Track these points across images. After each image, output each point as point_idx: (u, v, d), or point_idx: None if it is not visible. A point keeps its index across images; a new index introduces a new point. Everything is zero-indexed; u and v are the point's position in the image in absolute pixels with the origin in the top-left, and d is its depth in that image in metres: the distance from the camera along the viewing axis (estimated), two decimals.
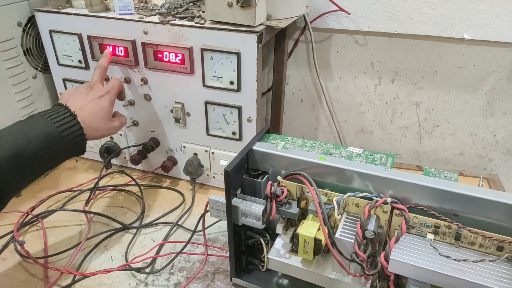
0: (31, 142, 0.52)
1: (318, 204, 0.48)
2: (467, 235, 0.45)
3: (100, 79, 0.67)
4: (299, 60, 0.98)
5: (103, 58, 0.71)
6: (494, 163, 0.95)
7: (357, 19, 0.87)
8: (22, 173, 0.53)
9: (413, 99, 0.93)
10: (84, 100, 0.62)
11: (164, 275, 0.62)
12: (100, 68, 0.68)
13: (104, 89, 0.65)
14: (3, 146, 0.50)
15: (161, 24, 0.70)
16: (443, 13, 0.81)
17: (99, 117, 0.62)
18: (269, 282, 0.58)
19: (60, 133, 0.55)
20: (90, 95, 0.63)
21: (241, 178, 0.55)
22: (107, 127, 0.64)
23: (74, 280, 0.61)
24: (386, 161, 0.53)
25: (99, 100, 0.63)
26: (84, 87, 0.64)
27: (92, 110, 0.61)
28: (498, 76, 0.85)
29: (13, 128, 0.54)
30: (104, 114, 0.63)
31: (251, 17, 0.65)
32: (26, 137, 0.52)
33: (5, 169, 0.50)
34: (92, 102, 0.62)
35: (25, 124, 0.54)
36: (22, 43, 0.79)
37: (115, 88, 0.67)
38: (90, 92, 0.64)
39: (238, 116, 0.73)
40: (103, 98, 0.64)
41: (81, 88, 0.64)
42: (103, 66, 0.69)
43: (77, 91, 0.64)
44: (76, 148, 0.58)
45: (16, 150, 0.51)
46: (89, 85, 0.65)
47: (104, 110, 0.63)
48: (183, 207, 0.77)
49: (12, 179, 0.52)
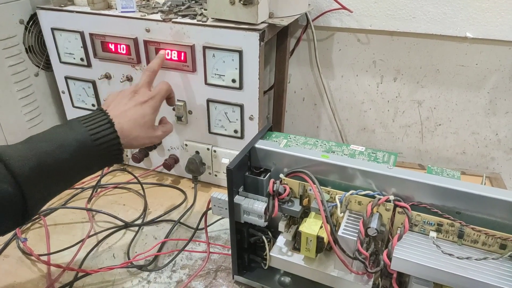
0: (62, 149, 0.49)
1: (320, 202, 0.48)
2: (470, 233, 0.45)
3: (148, 83, 0.62)
4: (301, 58, 0.97)
5: (155, 61, 0.65)
6: (496, 161, 0.95)
7: (360, 18, 0.87)
8: (51, 182, 0.49)
9: (415, 97, 0.93)
10: (126, 106, 0.57)
11: (166, 272, 0.62)
12: (150, 71, 0.63)
13: (149, 94, 0.60)
14: (32, 154, 0.47)
15: (163, 22, 0.70)
16: (446, 11, 0.81)
17: (140, 125, 0.57)
18: (271, 280, 0.58)
19: (94, 141, 0.51)
20: (133, 100, 0.58)
21: (244, 176, 0.55)
22: (148, 136, 0.58)
23: (76, 277, 0.61)
24: (388, 159, 0.52)
25: (141, 107, 0.58)
26: (128, 91, 0.60)
27: (132, 117, 0.56)
28: (500, 75, 0.85)
29: (46, 134, 0.50)
30: (146, 122, 0.58)
31: (253, 15, 0.65)
32: (57, 144, 0.49)
33: (32, 179, 0.46)
34: (134, 108, 0.57)
35: (60, 130, 0.51)
36: (24, 40, 0.80)
37: (162, 93, 0.62)
38: (133, 97, 0.59)
39: (240, 114, 0.73)
40: (146, 104, 0.59)
41: (126, 92, 0.60)
42: (153, 69, 0.64)
43: (120, 95, 0.59)
44: (111, 157, 0.53)
45: (45, 158, 0.47)
46: (135, 89, 0.60)
47: (146, 118, 0.58)
48: (185, 205, 0.77)
49: (39, 188, 0.48)
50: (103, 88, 0.81)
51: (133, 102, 0.58)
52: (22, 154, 0.46)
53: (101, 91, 0.82)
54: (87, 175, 0.53)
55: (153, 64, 0.65)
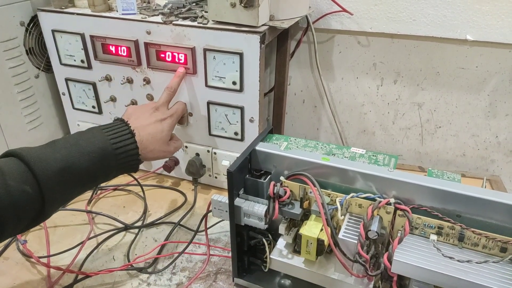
0: (84, 157, 0.51)
1: (321, 205, 0.48)
2: (470, 236, 0.45)
3: (167, 102, 0.67)
4: (301, 60, 0.98)
5: (175, 80, 0.69)
6: (496, 164, 0.95)
7: (360, 20, 0.87)
8: (70, 187, 0.51)
9: (415, 100, 0.93)
10: (147, 120, 0.61)
11: (166, 275, 0.62)
12: (170, 90, 0.68)
13: (168, 112, 0.65)
14: (55, 158, 0.49)
15: (163, 24, 0.70)
16: (446, 14, 0.81)
17: (157, 140, 0.61)
18: (271, 283, 0.58)
19: (115, 150, 0.54)
20: (153, 116, 0.62)
21: (244, 178, 0.55)
22: (162, 150, 0.63)
23: (76, 280, 0.60)
24: (389, 162, 0.53)
25: (161, 123, 0.63)
26: (149, 107, 0.64)
27: (152, 132, 0.60)
28: (500, 77, 0.85)
29: (69, 139, 0.52)
30: (163, 137, 0.62)
31: (254, 17, 0.65)
32: (80, 151, 0.51)
33: (53, 182, 0.48)
34: (154, 124, 0.61)
35: (82, 137, 0.53)
36: (25, 42, 0.80)
37: (178, 112, 0.68)
38: (154, 113, 0.63)
39: (241, 117, 0.73)
40: (165, 122, 0.63)
41: (146, 107, 0.64)
42: (174, 89, 0.68)
43: (141, 109, 0.64)
44: (128, 166, 0.57)
45: (68, 163, 0.49)
46: (155, 106, 0.65)
47: (163, 134, 0.62)
48: (185, 207, 0.77)
49: (59, 191, 0.50)
50: (104, 90, 0.81)
51: (154, 118, 0.62)
52: (45, 158, 0.48)
53: (102, 93, 0.82)
54: (102, 182, 0.56)
55: (173, 83, 0.69)
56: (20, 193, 0.46)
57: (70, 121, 0.89)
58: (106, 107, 0.83)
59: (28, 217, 0.48)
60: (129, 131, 0.57)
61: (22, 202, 0.46)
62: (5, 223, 0.46)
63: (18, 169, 0.47)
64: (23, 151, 0.48)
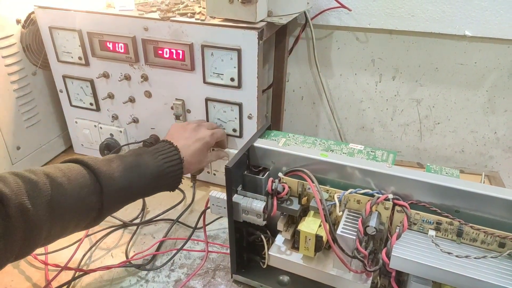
0: (141, 179, 0.56)
1: (319, 201, 0.48)
2: (469, 232, 0.45)
3: (209, 125, 0.72)
4: (300, 57, 0.97)
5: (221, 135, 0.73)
6: (495, 160, 0.95)
7: (358, 16, 0.87)
8: (124, 203, 0.57)
9: (414, 96, 0.93)
10: (189, 140, 0.65)
11: (164, 271, 0.62)
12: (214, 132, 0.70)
13: (209, 133, 0.69)
14: (119, 174, 0.54)
15: (161, 21, 0.70)
16: (445, 9, 0.81)
17: (196, 158, 0.65)
18: (270, 279, 0.58)
19: (167, 174, 0.59)
20: (194, 136, 0.67)
21: (242, 175, 0.55)
22: (196, 168, 0.67)
23: (74, 277, 0.60)
24: (387, 158, 0.52)
25: (201, 143, 0.66)
26: (192, 126, 0.69)
27: (193, 151, 0.64)
28: (499, 73, 0.85)
29: (131, 158, 0.57)
30: (200, 156, 0.66)
31: (252, 13, 0.65)
32: (139, 173, 0.56)
33: (114, 198, 0.53)
34: (196, 143, 0.66)
35: (142, 159, 0.57)
36: (22, 39, 0.79)
37: (218, 135, 0.71)
38: (195, 133, 0.67)
39: (239, 113, 0.73)
40: (205, 142, 0.67)
41: (189, 126, 0.68)
42: (217, 136, 0.71)
43: (184, 128, 0.68)
44: (172, 184, 0.61)
45: (129, 183, 0.55)
46: (198, 124, 0.69)
47: (201, 153, 0.66)
48: (184, 204, 0.77)
49: (115, 207, 0.55)
50: (101, 87, 0.81)
51: (195, 137, 0.66)
52: (111, 174, 0.53)
53: (99, 90, 0.81)
54: (147, 196, 0.61)
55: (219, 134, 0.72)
56: (88, 203, 0.50)
57: (68, 118, 0.89)
58: (104, 104, 0.83)
59: (85, 223, 0.52)
60: (178, 155, 0.61)
61: (86, 209, 0.51)
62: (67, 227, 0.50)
63: (89, 179, 0.51)
64: (91, 162, 0.52)
